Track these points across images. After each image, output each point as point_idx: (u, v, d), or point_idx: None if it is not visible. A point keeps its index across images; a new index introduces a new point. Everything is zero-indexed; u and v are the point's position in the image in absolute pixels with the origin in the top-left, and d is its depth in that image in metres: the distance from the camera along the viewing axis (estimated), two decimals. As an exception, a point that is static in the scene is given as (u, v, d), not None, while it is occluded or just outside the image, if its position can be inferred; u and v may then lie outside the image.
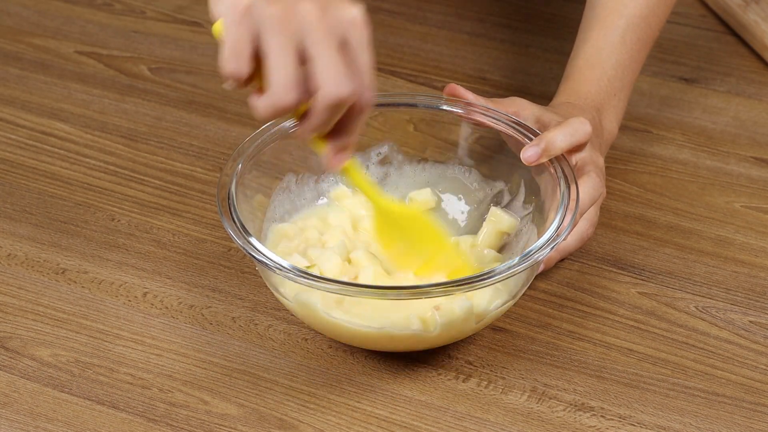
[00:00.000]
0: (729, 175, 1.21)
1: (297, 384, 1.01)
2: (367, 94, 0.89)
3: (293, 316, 1.05)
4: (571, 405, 0.99)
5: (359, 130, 0.92)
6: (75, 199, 1.18)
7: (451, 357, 1.03)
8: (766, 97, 1.31)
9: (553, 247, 0.97)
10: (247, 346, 1.04)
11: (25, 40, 1.40)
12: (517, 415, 0.98)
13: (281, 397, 1.00)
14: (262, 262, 0.96)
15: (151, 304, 1.08)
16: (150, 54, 1.38)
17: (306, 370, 1.02)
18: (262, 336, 1.05)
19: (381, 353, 1.02)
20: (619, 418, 0.98)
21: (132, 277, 1.10)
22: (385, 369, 1.02)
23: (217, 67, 1.35)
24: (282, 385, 1.01)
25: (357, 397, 1.00)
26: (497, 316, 1.01)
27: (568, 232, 0.98)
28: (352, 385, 1.01)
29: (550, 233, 0.98)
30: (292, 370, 1.02)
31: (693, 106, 1.30)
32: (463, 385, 1.01)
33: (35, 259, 1.12)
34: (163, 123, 1.28)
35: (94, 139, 1.26)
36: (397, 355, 1.02)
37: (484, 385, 1.01)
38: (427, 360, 1.02)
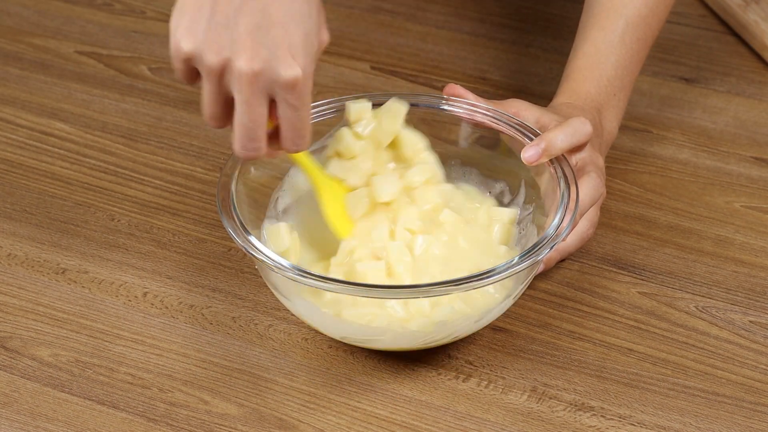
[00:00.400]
0: (729, 175, 1.21)
1: (297, 384, 1.01)
2: (291, 147, 0.94)
3: (293, 316, 1.05)
4: (571, 405, 0.99)
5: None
6: (75, 199, 1.18)
7: (451, 357, 1.03)
8: (766, 97, 1.31)
9: (552, 247, 0.97)
10: (247, 346, 1.04)
11: (25, 40, 1.40)
12: (517, 415, 0.98)
13: (281, 397, 1.00)
14: (262, 261, 0.96)
15: (151, 304, 1.08)
16: (150, 54, 1.38)
17: (306, 370, 1.02)
18: (262, 336, 1.05)
19: (381, 353, 1.02)
20: (619, 418, 0.98)
21: (132, 277, 1.10)
22: (385, 369, 1.02)
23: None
24: (282, 385, 1.01)
25: (357, 397, 1.00)
26: (497, 315, 1.01)
27: (567, 232, 0.98)
28: (352, 385, 1.01)
29: (549, 233, 0.98)
30: (292, 370, 1.02)
31: (693, 106, 1.30)
32: (463, 385, 1.01)
33: (35, 259, 1.12)
34: (163, 123, 1.28)
35: (94, 139, 1.26)
36: (397, 355, 1.02)
37: (484, 385, 1.01)
38: (427, 360, 1.02)
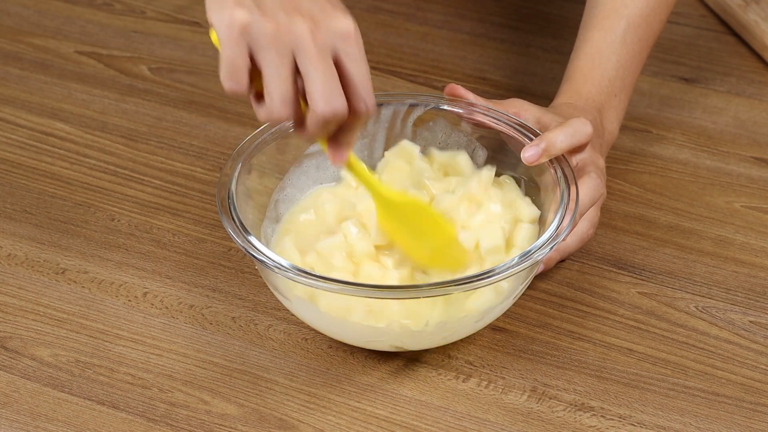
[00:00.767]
0: (729, 175, 1.21)
1: (297, 384, 1.01)
2: (362, 105, 0.91)
3: (293, 316, 1.05)
4: (571, 405, 0.99)
5: (357, 132, 0.94)
6: (75, 199, 1.18)
7: (451, 357, 1.03)
8: (766, 97, 1.31)
9: (552, 247, 0.97)
10: (247, 346, 1.04)
11: (25, 40, 1.40)
12: (517, 415, 0.98)
13: (281, 397, 1.00)
14: (262, 261, 0.96)
15: (151, 304, 1.08)
16: (150, 54, 1.38)
17: (306, 370, 1.02)
18: (262, 336, 1.05)
19: (381, 353, 1.02)
20: (619, 418, 0.98)
21: (132, 277, 1.10)
22: (385, 369, 1.02)
23: (217, 67, 1.36)
24: (282, 385, 1.01)
25: (357, 397, 1.00)
26: (497, 315, 1.01)
27: (567, 233, 0.98)
28: (352, 385, 1.01)
29: (549, 233, 0.98)
30: (292, 370, 1.02)
31: (693, 106, 1.30)
32: (463, 385, 1.01)
33: (35, 259, 1.12)
34: (163, 123, 1.28)
35: (94, 139, 1.26)
36: (397, 355, 1.02)
37: (484, 385, 1.01)
38: (427, 360, 1.02)
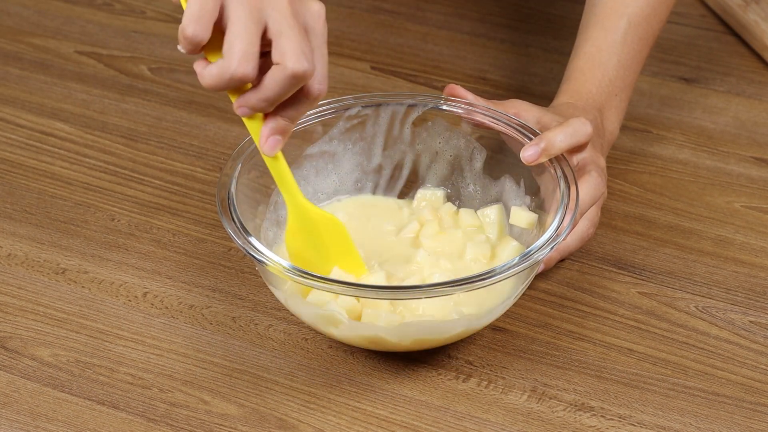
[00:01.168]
0: (729, 175, 1.21)
1: (297, 384, 1.01)
2: (317, 86, 0.91)
3: (293, 316, 1.05)
4: (571, 405, 0.99)
5: (298, 118, 0.93)
6: (75, 199, 1.18)
7: (451, 357, 1.03)
8: (766, 97, 1.31)
9: (552, 247, 0.97)
10: (247, 346, 1.04)
11: (25, 40, 1.40)
12: (517, 415, 0.98)
13: (281, 397, 1.00)
14: (262, 262, 0.96)
15: (151, 304, 1.07)
16: (150, 54, 1.38)
17: (306, 370, 1.02)
18: (262, 336, 1.05)
19: (381, 353, 1.02)
20: (619, 418, 0.98)
21: (132, 277, 1.10)
22: (385, 369, 1.02)
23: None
24: (282, 385, 1.01)
25: (357, 397, 1.00)
26: (497, 315, 1.01)
27: (567, 232, 0.98)
28: (352, 385, 1.01)
29: (549, 233, 0.98)
30: (292, 370, 1.02)
31: (693, 106, 1.30)
32: (463, 385, 1.01)
33: (35, 259, 1.12)
34: (163, 123, 1.28)
35: (94, 139, 1.26)
36: (397, 355, 1.02)
37: (484, 385, 1.01)
38: (427, 360, 1.02)
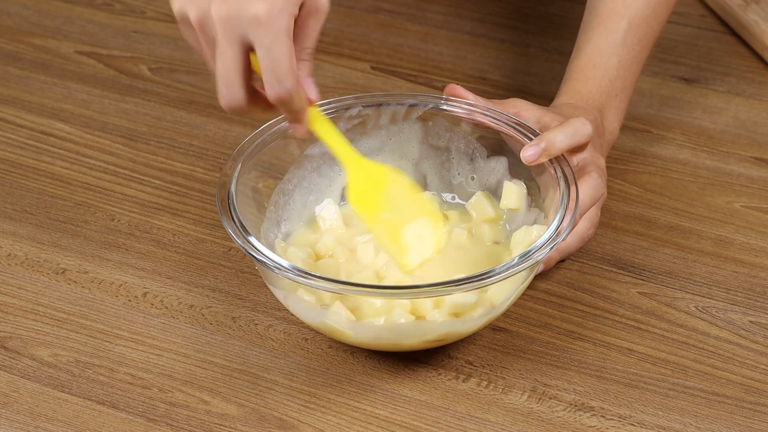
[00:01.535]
0: (729, 175, 1.21)
1: (297, 384, 1.01)
2: (271, 91, 0.92)
3: (293, 316, 1.04)
4: (571, 405, 0.99)
5: (297, 105, 0.94)
6: (75, 199, 1.18)
7: (451, 357, 1.03)
8: (766, 97, 1.31)
9: (552, 247, 0.97)
10: (247, 346, 1.04)
11: (25, 40, 1.40)
12: (517, 415, 0.98)
13: (281, 397, 1.00)
14: (262, 261, 0.96)
15: (151, 304, 1.07)
16: (150, 54, 1.38)
17: (306, 370, 1.02)
18: (262, 336, 1.05)
19: (381, 353, 1.02)
20: (619, 418, 0.98)
21: (132, 277, 1.10)
22: (385, 369, 1.02)
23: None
24: (282, 385, 1.01)
25: (357, 397, 1.00)
26: (497, 315, 1.01)
27: (567, 233, 0.98)
28: (352, 385, 1.01)
29: (549, 233, 0.98)
30: (292, 370, 1.02)
31: (693, 106, 1.30)
32: (463, 385, 1.01)
33: (35, 259, 1.12)
34: (163, 123, 1.28)
35: (94, 139, 1.26)
36: (397, 355, 1.02)
37: (484, 385, 1.01)
38: (427, 360, 1.02)
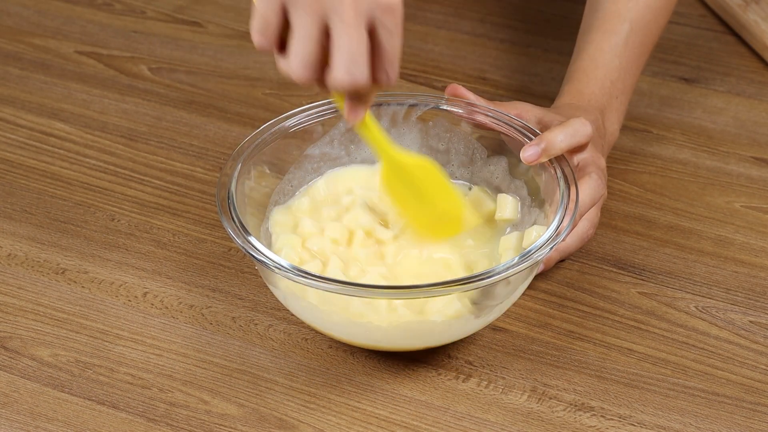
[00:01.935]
0: (729, 175, 1.21)
1: (297, 384, 1.01)
2: (384, 77, 0.90)
3: (293, 316, 1.05)
4: (571, 405, 0.99)
5: (374, 95, 0.94)
6: (75, 199, 1.18)
7: (451, 357, 1.03)
8: (766, 97, 1.31)
9: (552, 247, 0.97)
10: (247, 346, 1.04)
11: (25, 40, 1.40)
12: (517, 415, 0.98)
13: (281, 397, 1.00)
14: (262, 261, 0.96)
15: (151, 304, 1.07)
16: (150, 54, 1.38)
17: (306, 370, 1.02)
18: (262, 336, 1.05)
19: (381, 353, 1.02)
20: (619, 418, 0.98)
21: (132, 277, 1.10)
22: (385, 369, 1.02)
23: (217, 67, 1.36)
24: (282, 385, 1.01)
25: (357, 397, 1.00)
26: (497, 315, 1.01)
27: (567, 233, 0.98)
28: (352, 385, 1.01)
29: (549, 233, 0.98)
30: (292, 370, 1.02)
31: (693, 106, 1.30)
32: (463, 385, 1.01)
33: (35, 259, 1.12)
34: (163, 123, 1.28)
35: (94, 139, 1.26)
36: (397, 355, 1.02)
37: (484, 385, 1.01)
38: (427, 360, 1.02)
